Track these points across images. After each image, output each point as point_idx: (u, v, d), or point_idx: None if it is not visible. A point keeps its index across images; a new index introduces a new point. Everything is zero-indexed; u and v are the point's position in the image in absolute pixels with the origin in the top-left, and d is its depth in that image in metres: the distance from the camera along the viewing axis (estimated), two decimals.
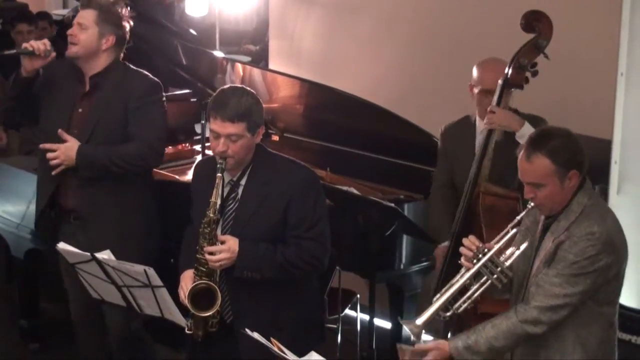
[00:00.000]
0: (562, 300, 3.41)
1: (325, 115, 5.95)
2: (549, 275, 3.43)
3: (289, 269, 3.84)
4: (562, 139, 3.45)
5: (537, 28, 4.39)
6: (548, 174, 3.42)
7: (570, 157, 3.43)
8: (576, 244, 3.40)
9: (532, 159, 3.43)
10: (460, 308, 3.60)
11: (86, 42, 4.49)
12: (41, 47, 4.43)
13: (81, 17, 4.53)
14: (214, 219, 3.78)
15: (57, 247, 4.02)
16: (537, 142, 3.45)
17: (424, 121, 5.33)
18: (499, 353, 3.56)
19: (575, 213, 3.46)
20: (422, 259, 5.15)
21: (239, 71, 6.33)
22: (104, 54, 4.54)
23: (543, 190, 3.44)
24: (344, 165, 5.75)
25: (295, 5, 6.72)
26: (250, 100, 3.79)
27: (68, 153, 4.43)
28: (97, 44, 4.51)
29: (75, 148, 4.43)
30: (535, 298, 3.45)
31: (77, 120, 4.54)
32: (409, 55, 6.05)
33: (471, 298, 3.59)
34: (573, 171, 3.43)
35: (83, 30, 4.49)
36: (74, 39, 4.49)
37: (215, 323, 3.88)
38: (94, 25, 4.49)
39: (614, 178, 5.04)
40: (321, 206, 3.91)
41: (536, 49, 4.40)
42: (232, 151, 3.76)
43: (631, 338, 4.83)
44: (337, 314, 5.26)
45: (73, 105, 4.56)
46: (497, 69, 4.51)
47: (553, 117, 4.59)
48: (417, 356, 3.54)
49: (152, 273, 3.75)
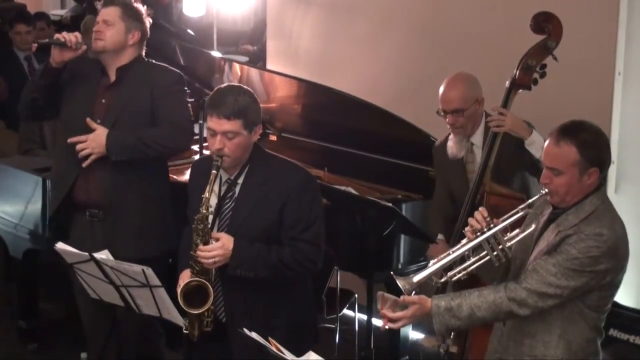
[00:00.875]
0: (553, 290, 3.41)
1: (323, 115, 5.95)
2: (548, 262, 3.44)
3: (283, 270, 3.84)
4: (592, 134, 3.47)
5: (547, 29, 4.37)
6: (571, 163, 3.42)
7: (597, 154, 3.45)
8: (583, 240, 3.40)
9: (560, 144, 3.43)
10: (454, 277, 3.59)
11: (113, 38, 4.54)
12: (72, 39, 4.46)
13: (106, 14, 4.57)
14: (206, 215, 3.78)
15: (55, 247, 4.02)
16: (570, 129, 3.47)
17: (422, 121, 5.33)
18: (476, 322, 3.56)
19: (585, 212, 3.46)
20: (420, 258, 5.15)
21: (237, 71, 6.34)
22: (130, 48, 4.60)
23: (561, 178, 3.44)
24: (342, 165, 5.75)
25: (293, 5, 6.73)
26: (247, 99, 3.80)
27: (98, 140, 4.46)
28: (124, 39, 4.56)
29: (105, 134, 4.46)
30: (527, 280, 3.45)
31: (100, 110, 4.56)
32: (406, 55, 6.06)
33: (467, 270, 3.58)
34: (594, 168, 3.44)
35: (109, 27, 4.54)
36: (100, 35, 4.53)
37: (210, 322, 3.88)
38: (119, 21, 4.55)
39: (612, 178, 5.06)
40: (317, 208, 3.92)
41: (545, 51, 4.39)
42: (229, 149, 3.76)
43: (629, 337, 4.84)
44: (335, 314, 5.27)
45: (96, 96, 4.59)
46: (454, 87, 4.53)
47: (551, 117, 4.57)
48: (397, 307, 3.52)
49: (150, 273, 3.75)
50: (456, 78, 4.59)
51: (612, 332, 4.81)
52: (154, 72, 4.64)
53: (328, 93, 5.68)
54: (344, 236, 4.95)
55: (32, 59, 7.99)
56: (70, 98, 4.63)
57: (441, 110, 4.58)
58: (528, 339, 3.57)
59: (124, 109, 4.54)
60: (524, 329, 3.57)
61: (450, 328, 3.57)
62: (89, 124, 4.47)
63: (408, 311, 3.51)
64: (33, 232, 5.50)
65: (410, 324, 3.61)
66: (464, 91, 4.52)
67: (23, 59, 7.98)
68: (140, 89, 4.55)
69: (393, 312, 3.53)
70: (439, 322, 3.49)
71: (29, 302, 5.93)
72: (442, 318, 3.49)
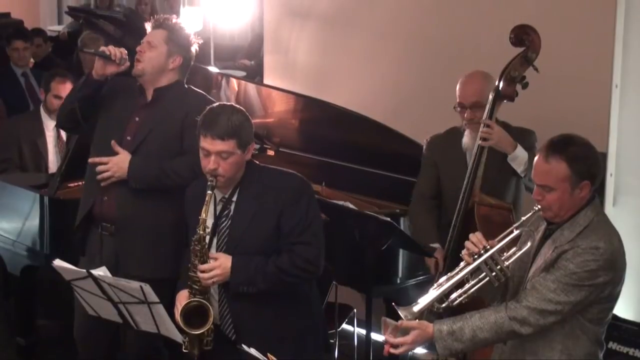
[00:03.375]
0: (553, 306, 3.41)
1: (321, 130, 5.95)
2: (547, 279, 3.43)
3: (283, 278, 3.83)
4: (582, 148, 3.47)
5: (527, 41, 4.44)
6: (561, 179, 3.42)
7: (587, 167, 3.44)
8: (580, 255, 3.39)
9: (550, 161, 3.44)
10: (456, 301, 3.59)
11: (152, 61, 4.50)
12: (117, 54, 4.46)
13: (151, 35, 4.56)
14: (203, 236, 3.78)
15: (53, 264, 4.01)
16: (558, 145, 3.47)
17: (419, 135, 5.32)
18: (479, 345, 3.55)
19: (580, 226, 3.46)
20: (419, 273, 5.15)
21: (234, 86, 6.34)
22: (170, 72, 4.56)
23: (553, 194, 3.45)
24: (340, 180, 5.75)
25: (290, 20, 6.73)
26: (240, 118, 3.80)
27: (120, 165, 4.43)
28: (164, 62, 4.53)
29: (128, 160, 4.43)
30: (527, 298, 3.45)
31: (132, 128, 4.54)
32: (404, 69, 6.06)
33: (467, 293, 3.58)
34: (586, 182, 3.44)
35: (152, 48, 4.51)
36: (140, 56, 4.51)
37: (210, 342, 3.88)
38: (162, 44, 4.52)
39: (610, 190, 5.05)
40: (314, 210, 3.91)
41: (526, 62, 4.47)
42: (223, 169, 3.76)
43: (629, 350, 4.83)
44: (334, 329, 5.26)
45: (130, 114, 4.56)
46: (474, 81, 4.59)
47: (548, 130, 4.57)
48: (399, 333, 3.52)
49: (149, 289, 3.75)
50: (474, 73, 4.65)
51: (611, 345, 4.81)
52: (191, 98, 4.58)
53: (325, 107, 5.68)
54: (342, 251, 4.94)
55: (29, 75, 8.00)
56: (106, 114, 4.60)
57: (458, 104, 4.61)
58: (530, 356, 3.56)
59: (154, 130, 4.50)
60: (526, 346, 3.56)
61: (454, 351, 3.54)
62: (113, 147, 4.44)
63: (409, 337, 3.51)
64: (31, 248, 5.49)
65: (414, 349, 3.60)
66: (483, 86, 4.56)
67: (20, 75, 7.99)
68: (173, 113, 4.50)
69: (394, 337, 3.53)
70: (442, 346, 3.49)
71: (27, 319, 5.90)
72: (445, 342, 3.48)
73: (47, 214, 5.33)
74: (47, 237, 5.34)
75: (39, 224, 5.39)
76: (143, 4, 11.07)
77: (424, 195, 4.88)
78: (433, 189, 4.85)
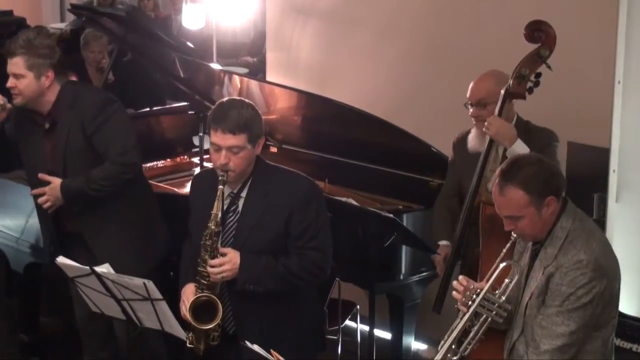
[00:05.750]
0: (567, 339, 3.39)
1: (324, 127, 5.95)
2: (550, 315, 3.41)
3: (292, 280, 3.84)
4: (532, 167, 3.42)
5: (540, 38, 4.38)
6: (523, 205, 3.39)
7: (544, 184, 3.40)
8: (566, 274, 3.38)
9: (505, 192, 3.41)
10: (467, 350, 3.58)
11: (27, 89, 4.47)
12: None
13: (13, 67, 4.46)
14: (215, 231, 3.77)
15: (56, 261, 4.02)
16: (507, 173, 3.42)
17: (422, 132, 5.33)
18: None
19: (560, 239, 3.44)
20: (422, 269, 5.14)
21: (237, 83, 6.34)
22: (49, 90, 4.53)
23: (522, 221, 3.42)
24: (343, 176, 5.75)
25: (292, 16, 6.73)
26: (251, 112, 3.79)
27: (54, 193, 4.54)
28: (39, 85, 4.49)
29: (59, 186, 4.52)
30: (542, 341, 3.42)
31: (49, 157, 4.61)
32: (407, 66, 6.06)
33: (475, 338, 3.57)
34: (549, 197, 3.40)
35: (20, 79, 4.45)
36: (15, 90, 4.48)
37: (216, 337, 3.87)
38: (26, 71, 4.45)
39: (613, 186, 5.04)
40: (323, 216, 3.91)
41: (538, 59, 4.37)
42: (234, 164, 3.74)
43: (632, 346, 4.83)
44: (337, 325, 5.26)
45: (40, 144, 4.63)
46: (483, 80, 4.55)
47: (551, 127, 4.60)
48: None
49: (152, 286, 3.75)
50: (487, 72, 4.61)
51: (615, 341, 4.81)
52: (80, 104, 4.57)
53: (328, 104, 5.67)
54: (345, 247, 4.94)
55: None
56: (22, 146, 4.70)
57: (468, 102, 4.59)
58: None
59: (67, 153, 4.57)
60: None
61: None
62: (42, 179, 4.53)
63: None
64: (34, 246, 5.49)
65: None
66: (491, 85, 4.51)
67: None
68: (72, 131, 4.54)
69: None
70: None
71: (31, 316, 5.91)
72: None
73: None
74: None
75: None
76: (145, 1, 11.06)
77: (446, 194, 4.88)
78: (455, 188, 4.82)
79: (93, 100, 4.61)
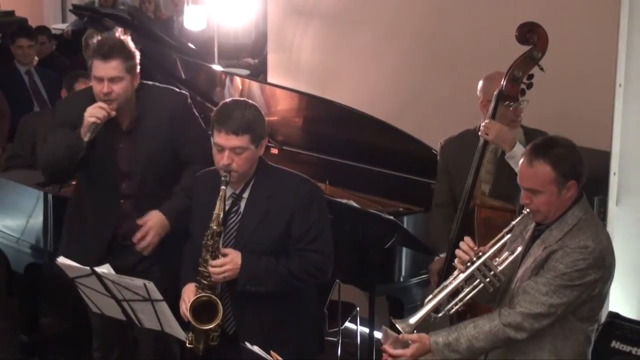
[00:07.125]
0: (546, 309, 3.43)
1: (324, 128, 5.96)
2: (538, 282, 3.45)
3: (293, 282, 3.85)
4: (565, 148, 3.48)
5: (532, 40, 4.39)
6: (547, 181, 3.44)
7: (571, 167, 3.46)
8: (568, 254, 3.42)
9: (533, 164, 3.45)
10: (452, 310, 3.62)
11: (126, 93, 4.37)
12: (105, 115, 4.29)
13: (111, 70, 4.32)
14: (217, 231, 3.78)
15: (56, 262, 4.02)
16: (540, 148, 3.48)
17: (423, 134, 5.33)
18: (477, 353, 3.58)
19: (569, 225, 3.48)
20: (422, 271, 5.14)
21: (238, 85, 6.35)
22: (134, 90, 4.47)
23: (540, 197, 3.46)
24: (343, 178, 5.75)
25: (294, 18, 6.74)
26: (254, 113, 3.80)
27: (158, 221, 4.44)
28: (132, 89, 4.41)
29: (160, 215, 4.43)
30: (520, 304, 3.47)
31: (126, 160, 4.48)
32: (408, 68, 6.07)
33: (463, 301, 3.61)
34: (572, 181, 3.46)
35: (119, 82, 4.33)
36: (112, 95, 4.31)
37: (216, 337, 3.87)
38: (126, 74, 4.35)
39: (613, 189, 5.04)
40: (324, 218, 3.92)
41: (531, 61, 4.40)
42: (237, 164, 3.75)
43: (631, 349, 4.82)
44: (337, 327, 5.26)
45: (114, 146, 4.47)
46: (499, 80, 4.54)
47: (551, 129, 4.59)
48: (399, 345, 3.55)
49: (152, 287, 3.75)
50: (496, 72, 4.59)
51: (614, 344, 4.80)
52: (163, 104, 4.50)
53: (329, 106, 5.68)
54: (346, 249, 4.94)
55: (33, 73, 8.00)
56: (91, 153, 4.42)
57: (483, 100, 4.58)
58: (519, 355, 3.57)
59: (149, 155, 4.46)
60: (515, 346, 3.57)
61: None
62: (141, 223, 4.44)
63: (408, 350, 3.53)
64: (35, 246, 5.50)
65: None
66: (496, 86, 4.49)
67: (24, 73, 7.98)
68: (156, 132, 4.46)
69: (394, 348, 3.55)
70: (440, 358, 3.51)
71: (31, 316, 5.91)
72: (442, 354, 3.51)
73: (51, 211, 5.34)
74: (50, 235, 5.35)
75: (43, 222, 5.40)
76: (147, 2, 11.07)
77: (442, 203, 4.83)
78: (448, 195, 4.80)
79: (175, 100, 4.55)
